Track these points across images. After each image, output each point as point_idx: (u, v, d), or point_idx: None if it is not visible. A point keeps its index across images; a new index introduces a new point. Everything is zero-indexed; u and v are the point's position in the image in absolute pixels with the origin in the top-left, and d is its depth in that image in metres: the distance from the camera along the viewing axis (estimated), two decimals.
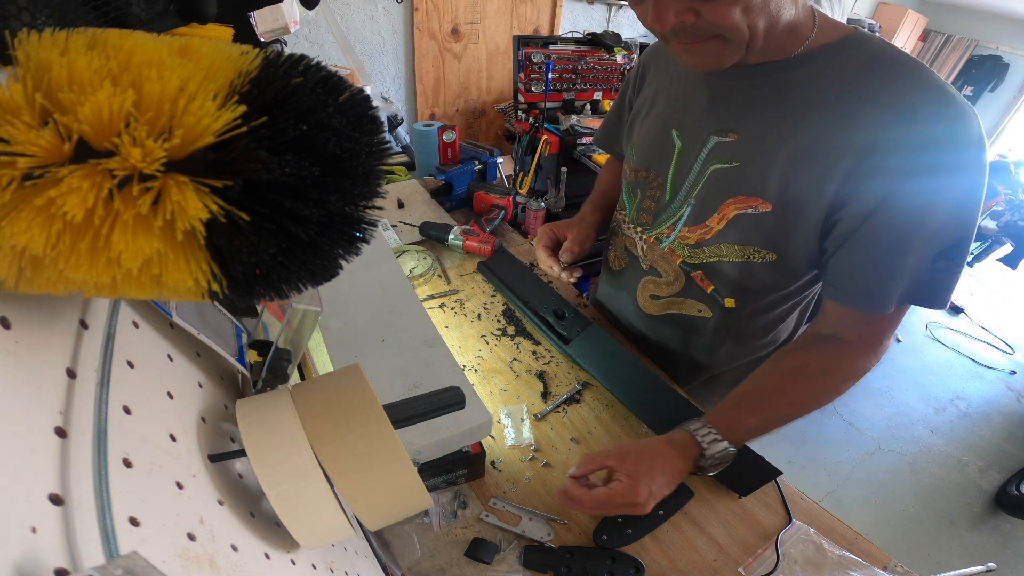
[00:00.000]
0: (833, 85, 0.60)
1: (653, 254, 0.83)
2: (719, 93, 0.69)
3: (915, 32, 5.29)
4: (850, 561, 0.65)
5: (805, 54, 0.62)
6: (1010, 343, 3.17)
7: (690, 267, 0.79)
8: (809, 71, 0.62)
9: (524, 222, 1.43)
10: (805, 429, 2.35)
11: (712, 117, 0.70)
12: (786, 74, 0.63)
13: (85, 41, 0.21)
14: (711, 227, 0.72)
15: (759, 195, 0.66)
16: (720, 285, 0.77)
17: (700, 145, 0.71)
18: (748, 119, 0.67)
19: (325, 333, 0.69)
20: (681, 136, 0.74)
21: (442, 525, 0.66)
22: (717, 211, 0.71)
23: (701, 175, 0.72)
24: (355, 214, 0.25)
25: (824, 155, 0.60)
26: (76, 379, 0.24)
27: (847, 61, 0.60)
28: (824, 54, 0.61)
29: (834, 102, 0.60)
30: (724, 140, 0.69)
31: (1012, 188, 2.59)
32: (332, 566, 0.42)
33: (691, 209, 0.74)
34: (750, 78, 0.66)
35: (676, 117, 0.76)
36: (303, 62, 0.24)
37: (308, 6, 0.48)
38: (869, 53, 0.60)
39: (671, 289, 0.83)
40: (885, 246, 0.60)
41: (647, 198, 0.82)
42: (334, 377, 0.38)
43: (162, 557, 0.23)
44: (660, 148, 0.77)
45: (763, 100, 0.65)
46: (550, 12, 3.19)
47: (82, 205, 0.18)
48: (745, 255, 0.72)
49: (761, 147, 0.65)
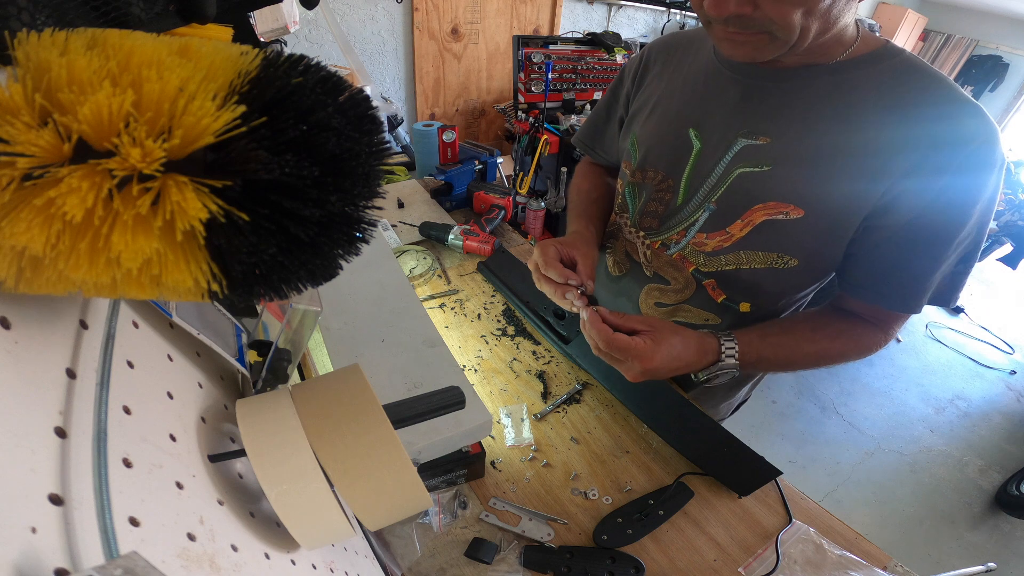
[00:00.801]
0: (876, 92, 0.60)
1: (658, 260, 0.80)
2: (751, 93, 0.67)
3: (915, 32, 5.29)
4: (850, 561, 0.65)
5: (848, 60, 0.62)
6: (1010, 343, 3.17)
7: (703, 275, 0.76)
8: (853, 77, 0.61)
9: (524, 222, 1.43)
10: (805, 429, 2.35)
11: (741, 118, 0.67)
12: (832, 78, 0.62)
13: (85, 41, 0.21)
14: (732, 234, 0.70)
15: (791, 201, 0.64)
16: (735, 292, 0.75)
17: (725, 147, 0.68)
18: (784, 122, 0.64)
19: (325, 333, 0.69)
20: (700, 136, 0.71)
21: (442, 525, 0.66)
22: (742, 217, 0.68)
23: (724, 179, 0.69)
24: (355, 214, 0.25)
25: (868, 161, 0.60)
26: (76, 379, 0.24)
27: (886, 70, 0.61)
28: (867, 62, 0.61)
29: (870, 110, 0.60)
30: (754, 143, 0.66)
31: (1012, 188, 2.59)
32: (332, 566, 0.42)
33: (709, 214, 0.71)
34: (789, 80, 0.64)
35: (694, 116, 0.72)
36: (303, 62, 0.24)
37: (308, 6, 0.48)
38: (904, 64, 0.61)
39: (680, 297, 0.80)
40: (924, 250, 0.61)
41: (652, 201, 0.78)
42: (334, 377, 0.38)
43: (162, 557, 0.23)
44: (672, 148, 0.74)
45: (803, 103, 0.63)
46: (550, 12, 3.20)
47: (82, 205, 0.18)
48: (769, 261, 0.70)
49: (798, 151, 0.63)
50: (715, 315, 0.79)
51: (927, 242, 0.61)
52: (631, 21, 3.56)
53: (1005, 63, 5.21)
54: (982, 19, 5.16)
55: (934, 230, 0.60)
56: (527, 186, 1.48)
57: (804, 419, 2.42)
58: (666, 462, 0.77)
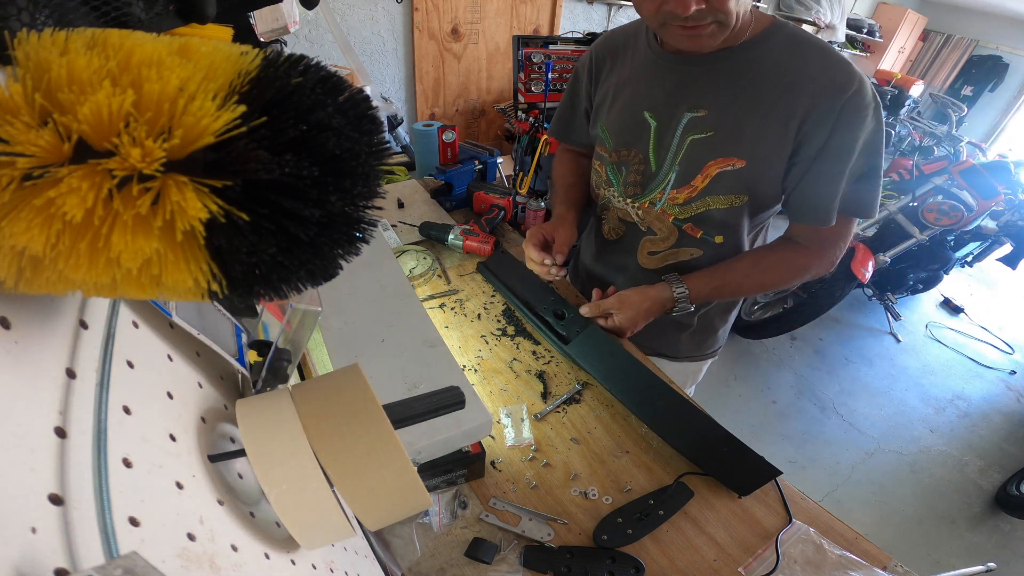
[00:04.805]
0: (773, 63, 0.78)
1: (649, 216, 0.96)
2: (684, 78, 0.83)
3: (915, 32, 5.29)
4: (850, 561, 0.65)
5: (748, 40, 0.78)
6: (1010, 343, 3.17)
7: (681, 221, 0.92)
8: (754, 54, 0.78)
9: (524, 222, 1.43)
10: (805, 429, 2.36)
11: (683, 96, 0.84)
12: (739, 56, 0.79)
13: (85, 41, 0.21)
14: (696, 186, 0.87)
15: (734, 155, 0.82)
16: (708, 228, 0.92)
17: (676, 122, 0.85)
18: (714, 96, 0.81)
19: (325, 333, 0.69)
20: (654, 116, 0.87)
21: (442, 525, 0.66)
22: (700, 172, 0.85)
23: (681, 146, 0.86)
24: (355, 214, 0.25)
25: (780, 118, 0.78)
26: (76, 379, 0.24)
27: (777, 44, 0.78)
28: (762, 39, 0.78)
29: (777, 79, 0.77)
30: (696, 115, 0.83)
31: (1012, 188, 2.58)
32: (332, 566, 0.42)
33: (676, 174, 0.88)
34: (710, 63, 0.81)
35: (646, 101, 0.88)
36: (303, 62, 0.24)
37: (308, 6, 0.48)
38: (790, 37, 0.78)
39: (667, 243, 0.96)
40: (827, 176, 0.80)
41: (632, 172, 0.94)
42: (334, 377, 0.38)
43: (162, 557, 0.23)
44: (636, 129, 0.90)
45: (724, 80, 0.81)
46: (550, 12, 3.20)
47: (82, 205, 0.18)
48: (729, 202, 0.87)
49: (730, 117, 0.81)
50: (697, 248, 0.95)
51: (830, 168, 0.79)
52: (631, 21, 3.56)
53: (1005, 63, 5.21)
54: (982, 19, 5.16)
55: (832, 159, 0.78)
56: (527, 186, 1.48)
57: (804, 419, 2.42)
58: (666, 462, 0.77)
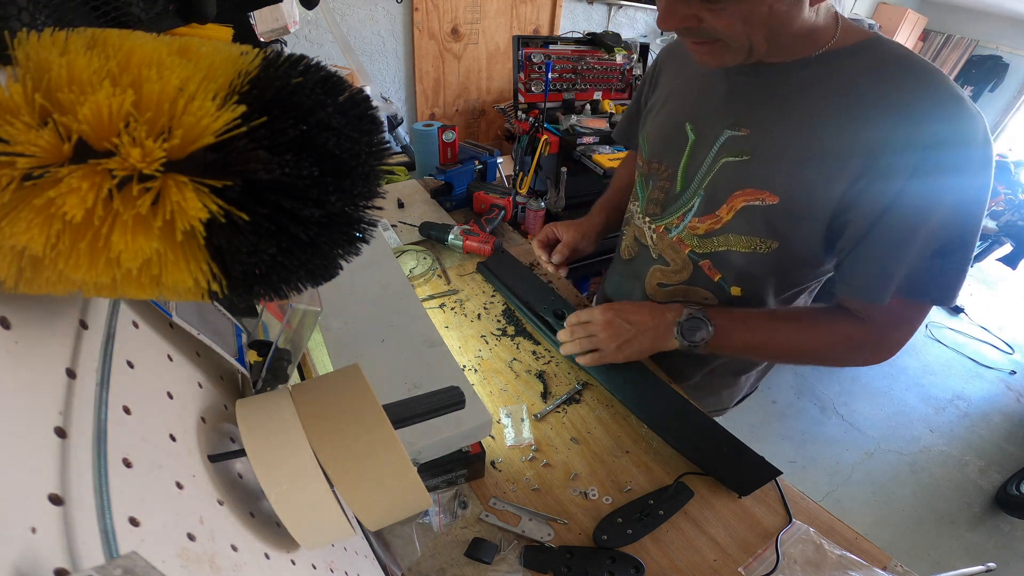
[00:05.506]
0: (843, 87, 0.62)
1: (662, 243, 0.85)
2: (736, 88, 0.72)
3: (915, 32, 5.28)
4: (850, 561, 0.65)
5: (819, 56, 0.64)
6: (1010, 343, 3.17)
7: (698, 256, 0.81)
8: (821, 73, 0.64)
9: (524, 222, 1.43)
10: (805, 429, 2.36)
11: (727, 111, 0.72)
12: (799, 74, 0.65)
13: (84, 41, 0.21)
14: (720, 217, 0.75)
15: (766, 188, 0.68)
16: (727, 273, 0.80)
17: (713, 138, 0.73)
18: (760, 115, 0.69)
19: (325, 333, 0.69)
20: (695, 129, 0.76)
21: (442, 525, 0.66)
22: (726, 202, 0.73)
23: (712, 167, 0.74)
24: (355, 214, 0.25)
25: (832, 154, 0.63)
26: (76, 379, 0.24)
27: (860, 64, 0.62)
28: (838, 57, 0.63)
29: (843, 103, 0.62)
30: (736, 134, 0.71)
31: (1012, 188, 2.59)
32: (332, 566, 0.42)
33: (701, 200, 0.76)
34: (766, 76, 0.68)
35: (690, 111, 0.78)
36: (303, 62, 0.24)
37: (308, 6, 0.48)
38: (882, 57, 0.62)
39: (678, 277, 0.86)
40: (889, 241, 0.63)
41: (656, 189, 0.84)
42: (334, 377, 0.38)
43: (162, 557, 0.23)
44: (673, 141, 0.79)
45: (776, 98, 0.67)
46: (550, 12, 3.19)
47: (82, 205, 0.18)
48: (752, 246, 0.74)
49: (770, 142, 0.68)
50: (712, 294, 0.84)
51: (894, 233, 0.62)
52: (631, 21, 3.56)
53: (1005, 63, 5.20)
54: (982, 19, 5.16)
55: (900, 221, 0.61)
56: (527, 186, 1.48)
57: (804, 419, 2.42)
58: (666, 462, 0.77)
